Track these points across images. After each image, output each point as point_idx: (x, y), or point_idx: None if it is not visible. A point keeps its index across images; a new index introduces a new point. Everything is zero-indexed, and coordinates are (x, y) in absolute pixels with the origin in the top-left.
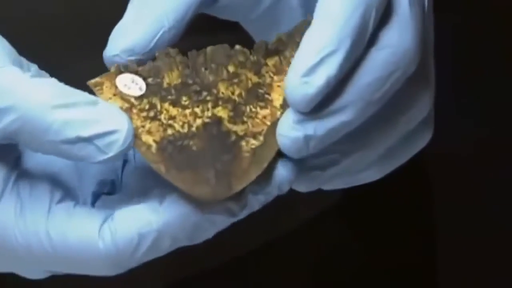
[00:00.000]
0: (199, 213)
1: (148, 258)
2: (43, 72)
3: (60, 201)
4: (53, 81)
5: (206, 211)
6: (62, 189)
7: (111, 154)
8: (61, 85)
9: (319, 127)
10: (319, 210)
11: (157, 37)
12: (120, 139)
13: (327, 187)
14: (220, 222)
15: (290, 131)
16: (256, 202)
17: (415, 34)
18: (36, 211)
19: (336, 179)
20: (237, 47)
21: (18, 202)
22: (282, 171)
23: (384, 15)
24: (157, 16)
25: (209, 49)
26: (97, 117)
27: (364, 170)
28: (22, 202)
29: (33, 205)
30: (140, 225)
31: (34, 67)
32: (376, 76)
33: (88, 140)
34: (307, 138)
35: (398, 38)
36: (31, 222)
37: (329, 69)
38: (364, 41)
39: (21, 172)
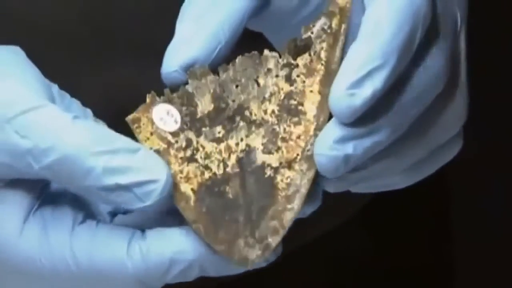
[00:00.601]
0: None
1: (174, 282)
2: (63, 93)
3: (82, 222)
4: (94, 124)
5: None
6: (83, 210)
7: (148, 202)
8: (103, 129)
9: (358, 146)
10: (342, 220)
11: (215, 52)
12: (158, 189)
13: (354, 189)
14: (255, 264)
15: (330, 151)
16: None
17: (449, 56)
18: (59, 232)
19: (363, 182)
20: (266, 52)
21: (41, 225)
22: (309, 203)
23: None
24: (214, 31)
25: (238, 60)
26: (137, 166)
27: (391, 176)
28: (45, 225)
29: (56, 227)
30: (174, 250)
31: (55, 88)
32: (415, 96)
33: (127, 188)
34: (346, 157)
35: (439, 60)
36: (55, 243)
37: (376, 83)
38: (408, 58)
39: (45, 197)
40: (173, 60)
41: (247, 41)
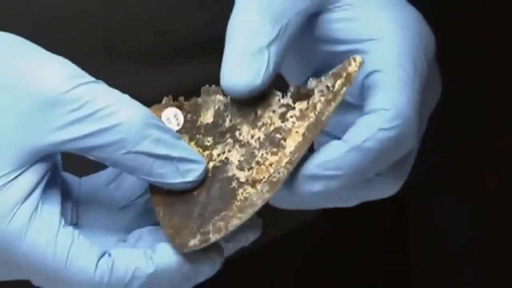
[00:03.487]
0: (186, 264)
1: None
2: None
3: (64, 225)
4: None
5: (192, 262)
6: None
7: (188, 179)
8: (150, 110)
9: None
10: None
11: (269, 77)
12: (200, 169)
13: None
14: (203, 272)
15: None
16: (229, 249)
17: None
18: (47, 226)
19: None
20: (273, 90)
21: (31, 213)
22: (251, 228)
23: None
24: (265, 53)
25: None
26: (183, 146)
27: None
28: (35, 214)
29: (45, 221)
30: (135, 267)
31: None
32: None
33: (173, 160)
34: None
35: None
36: (42, 235)
37: (330, 184)
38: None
39: (47, 184)
40: (231, 81)
41: None
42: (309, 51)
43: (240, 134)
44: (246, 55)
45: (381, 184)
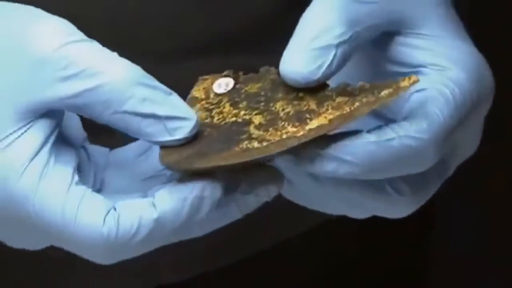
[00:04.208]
0: (187, 201)
1: (143, 249)
2: None
3: (77, 183)
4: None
5: (193, 200)
6: (78, 171)
7: (176, 137)
8: (140, 68)
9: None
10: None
11: (329, 74)
12: (188, 127)
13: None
14: (205, 209)
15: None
16: (251, 203)
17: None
18: (58, 185)
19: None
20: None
21: (43, 170)
22: (272, 180)
23: None
24: (333, 50)
25: None
26: (171, 103)
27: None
28: (47, 171)
29: (56, 178)
30: (140, 215)
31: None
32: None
33: (160, 119)
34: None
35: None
36: (51, 195)
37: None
38: None
39: (52, 142)
40: (291, 66)
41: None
42: (371, 63)
43: (273, 105)
44: (313, 47)
45: (395, 200)
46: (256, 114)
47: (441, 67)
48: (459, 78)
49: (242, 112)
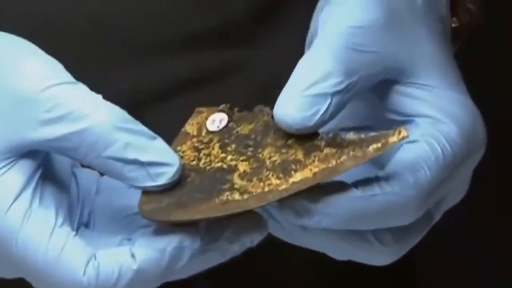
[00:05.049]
0: (167, 252)
1: None
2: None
3: (61, 225)
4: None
5: (172, 250)
6: (63, 212)
7: (159, 182)
8: (126, 113)
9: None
10: None
11: (322, 122)
12: (171, 172)
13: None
14: (185, 257)
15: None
16: (234, 250)
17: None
18: (41, 227)
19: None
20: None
21: (26, 210)
22: (256, 228)
23: None
24: (328, 99)
25: None
26: (154, 148)
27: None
28: (30, 212)
29: (40, 220)
30: (120, 265)
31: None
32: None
33: (143, 165)
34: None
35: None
36: (34, 236)
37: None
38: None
39: (36, 183)
40: (285, 111)
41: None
42: (368, 108)
43: (261, 152)
44: (309, 94)
45: (378, 250)
46: (242, 161)
47: (434, 120)
48: (451, 132)
49: (229, 157)
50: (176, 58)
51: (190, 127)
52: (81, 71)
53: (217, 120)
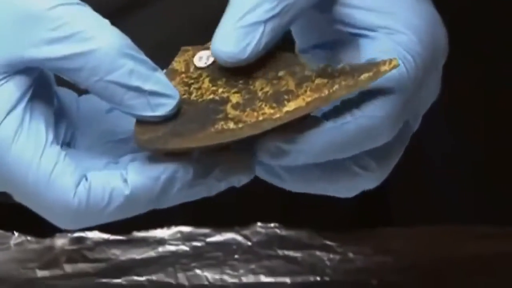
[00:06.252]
0: (160, 179)
1: (110, 220)
2: None
3: (52, 143)
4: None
5: (166, 173)
6: (53, 130)
7: (157, 113)
8: (130, 40)
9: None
10: None
11: (257, 53)
12: (171, 104)
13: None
14: (178, 182)
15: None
16: (221, 187)
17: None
18: (32, 144)
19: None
20: (302, 60)
21: (19, 125)
22: (244, 170)
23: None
24: (260, 28)
25: (287, 54)
26: (157, 79)
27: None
28: (22, 127)
29: (32, 137)
30: (112, 188)
31: None
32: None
33: (144, 93)
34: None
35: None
36: (27, 155)
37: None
38: None
39: (31, 96)
40: (220, 46)
41: None
42: (320, 24)
43: (251, 84)
44: (240, 26)
45: (362, 177)
46: (234, 93)
47: (390, 30)
48: (412, 43)
49: (220, 90)
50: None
51: (177, 64)
52: None
53: (204, 57)
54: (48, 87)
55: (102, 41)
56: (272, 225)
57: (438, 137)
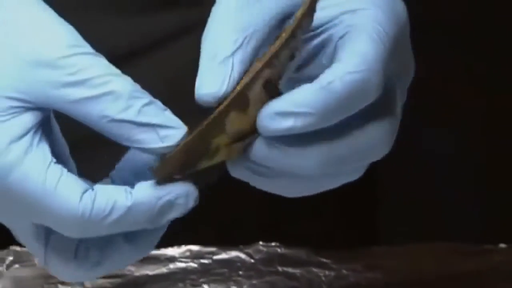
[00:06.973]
0: (162, 199)
1: (110, 231)
2: None
3: (55, 162)
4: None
5: (168, 197)
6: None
7: (166, 144)
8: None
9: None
10: None
11: (234, 84)
12: (178, 135)
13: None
14: (178, 207)
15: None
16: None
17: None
18: (40, 160)
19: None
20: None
21: (29, 148)
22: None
23: None
24: (229, 62)
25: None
26: (165, 115)
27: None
28: (32, 149)
29: (39, 156)
30: (115, 199)
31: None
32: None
33: (153, 127)
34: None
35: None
36: (36, 168)
37: (298, 123)
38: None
39: (41, 131)
40: (203, 90)
41: None
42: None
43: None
44: (212, 66)
45: (365, 139)
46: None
47: (351, 11)
48: (373, 15)
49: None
50: (152, 15)
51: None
52: None
53: None
54: (50, 128)
55: (116, 85)
56: (273, 244)
57: (431, 151)
